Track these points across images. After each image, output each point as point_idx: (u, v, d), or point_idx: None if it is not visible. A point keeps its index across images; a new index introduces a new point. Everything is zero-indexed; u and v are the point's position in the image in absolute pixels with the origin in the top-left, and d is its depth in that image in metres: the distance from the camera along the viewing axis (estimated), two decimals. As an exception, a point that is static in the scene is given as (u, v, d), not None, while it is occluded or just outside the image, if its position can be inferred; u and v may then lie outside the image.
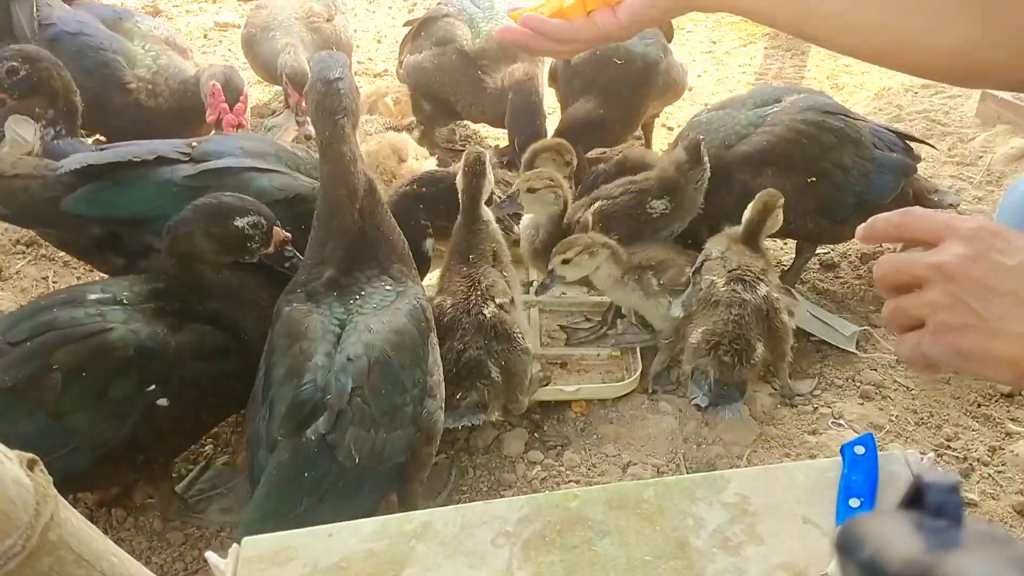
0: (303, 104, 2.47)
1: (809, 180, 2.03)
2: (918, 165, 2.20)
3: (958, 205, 2.30)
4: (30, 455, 0.91)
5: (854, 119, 2.11)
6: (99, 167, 1.83)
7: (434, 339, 1.65)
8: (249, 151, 1.92)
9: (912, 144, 2.22)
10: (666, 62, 2.62)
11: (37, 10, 2.55)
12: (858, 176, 2.05)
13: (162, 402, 1.55)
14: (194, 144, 1.90)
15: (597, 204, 2.11)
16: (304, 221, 1.75)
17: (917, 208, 0.82)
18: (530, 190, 2.01)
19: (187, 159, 1.86)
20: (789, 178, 2.02)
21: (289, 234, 1.75)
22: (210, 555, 1.00)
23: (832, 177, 2.05)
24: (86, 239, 1.88)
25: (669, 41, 2.74)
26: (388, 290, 1.63)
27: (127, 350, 1.52)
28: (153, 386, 1.54)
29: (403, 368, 1.51)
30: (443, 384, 1.63)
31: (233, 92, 2.41)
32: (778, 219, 1.96)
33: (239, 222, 1.67)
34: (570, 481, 1.79)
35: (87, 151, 1.94)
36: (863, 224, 0.93)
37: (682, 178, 2.08)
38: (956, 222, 0.87)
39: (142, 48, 2.52)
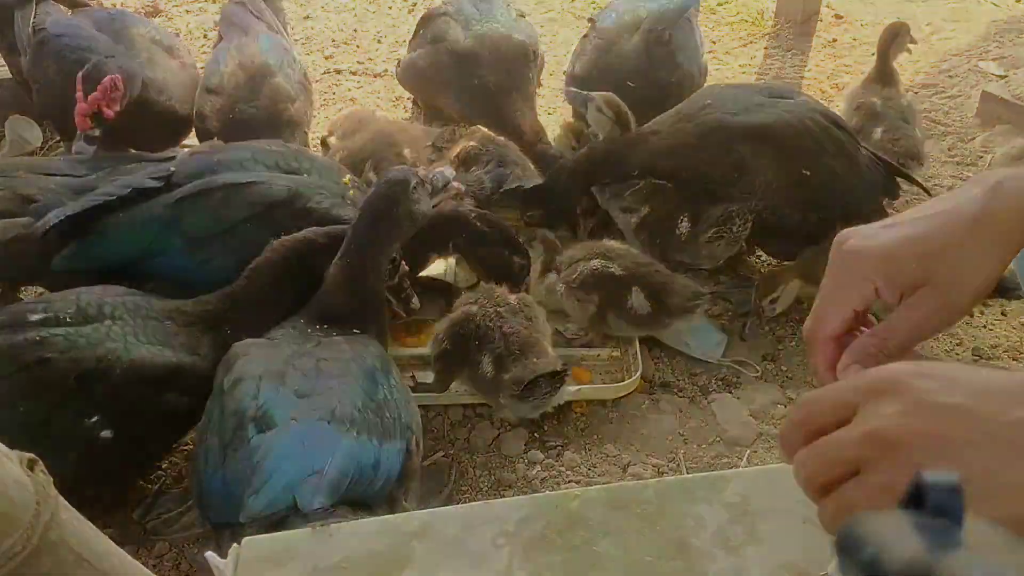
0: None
1: (804, 172, 2.04)
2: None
3: None
4: (30, 455, 0.91)
5: (855, 139, 2.14)
6: (78, 216, 1.78)
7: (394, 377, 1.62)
8: (225, 163, 1.91)
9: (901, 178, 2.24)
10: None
11: (35, 17, 2.53)
12: (842, 186, 2.08)
13: (106, 434, 1.49)
14: (173, 168, 1.88)
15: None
16: (279, 226, 1.76)
17: (810, 393, 0.57)
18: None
19: (163, 184, 1.84)
20: (784, 164, 2.03)
21: (407, 267, 1.77)
22: (210, 555, 1.00)
23: (822, 177, 2.06)
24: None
25: None
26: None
27: (67, 379, 1.46)
28: (96, 417, 1.47)
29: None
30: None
31: (92, 83, 2.18)
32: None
33: None
34: (570, 481, 1.79)
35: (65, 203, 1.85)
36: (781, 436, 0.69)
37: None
38: (858, 379, 0.63)
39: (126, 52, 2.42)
